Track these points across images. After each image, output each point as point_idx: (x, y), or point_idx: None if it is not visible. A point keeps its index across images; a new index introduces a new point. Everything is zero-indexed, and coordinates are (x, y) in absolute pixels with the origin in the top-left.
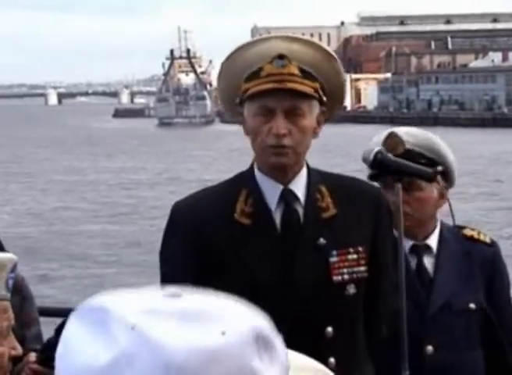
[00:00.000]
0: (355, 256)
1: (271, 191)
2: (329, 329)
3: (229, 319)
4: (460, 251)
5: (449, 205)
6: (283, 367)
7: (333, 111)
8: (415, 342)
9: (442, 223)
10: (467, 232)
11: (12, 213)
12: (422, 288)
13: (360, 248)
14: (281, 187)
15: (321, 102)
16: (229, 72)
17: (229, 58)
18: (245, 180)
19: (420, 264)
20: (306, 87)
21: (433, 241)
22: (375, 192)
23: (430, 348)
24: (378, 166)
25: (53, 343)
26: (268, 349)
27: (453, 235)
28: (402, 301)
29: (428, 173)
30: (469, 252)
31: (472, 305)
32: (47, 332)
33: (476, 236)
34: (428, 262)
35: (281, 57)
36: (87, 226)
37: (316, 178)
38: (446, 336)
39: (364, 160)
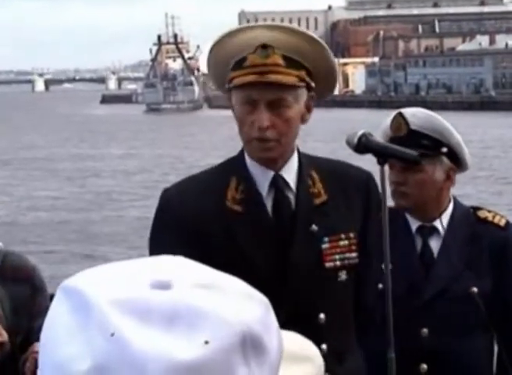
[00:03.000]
0: (346, 242)
1: (261, 177)
2: (322, 315)
3: (216, 322)
4: (469, 233)
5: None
6: (273, 366)
7: (325, 95)
8: (412, 324)
9: (456, 205)
10: (482, 214)
11: (15, 201)
12: (422, 271)
13: (351, 234)
14: (272, 173)
15: (309, 88)
16: (216, 59)
17: (215, 45)
18: (235, 166)
19: (425, 246)
20: (290, 76)
21: (441, 223)
22: (364, 177)
23: (425, 330)
24: (363, 149)
25: None
26: (257, 350)
27: (466, 217)
28: (388, 284)
29: (413, 156)
30: (479, 235)
31: (474, 290)
32: None
33: (490, 218)
34: (435, 244)
35: (264, 47)
36: (92, 213)
37: (307, 164)
38: (442, 320)
39: (348, 143)
